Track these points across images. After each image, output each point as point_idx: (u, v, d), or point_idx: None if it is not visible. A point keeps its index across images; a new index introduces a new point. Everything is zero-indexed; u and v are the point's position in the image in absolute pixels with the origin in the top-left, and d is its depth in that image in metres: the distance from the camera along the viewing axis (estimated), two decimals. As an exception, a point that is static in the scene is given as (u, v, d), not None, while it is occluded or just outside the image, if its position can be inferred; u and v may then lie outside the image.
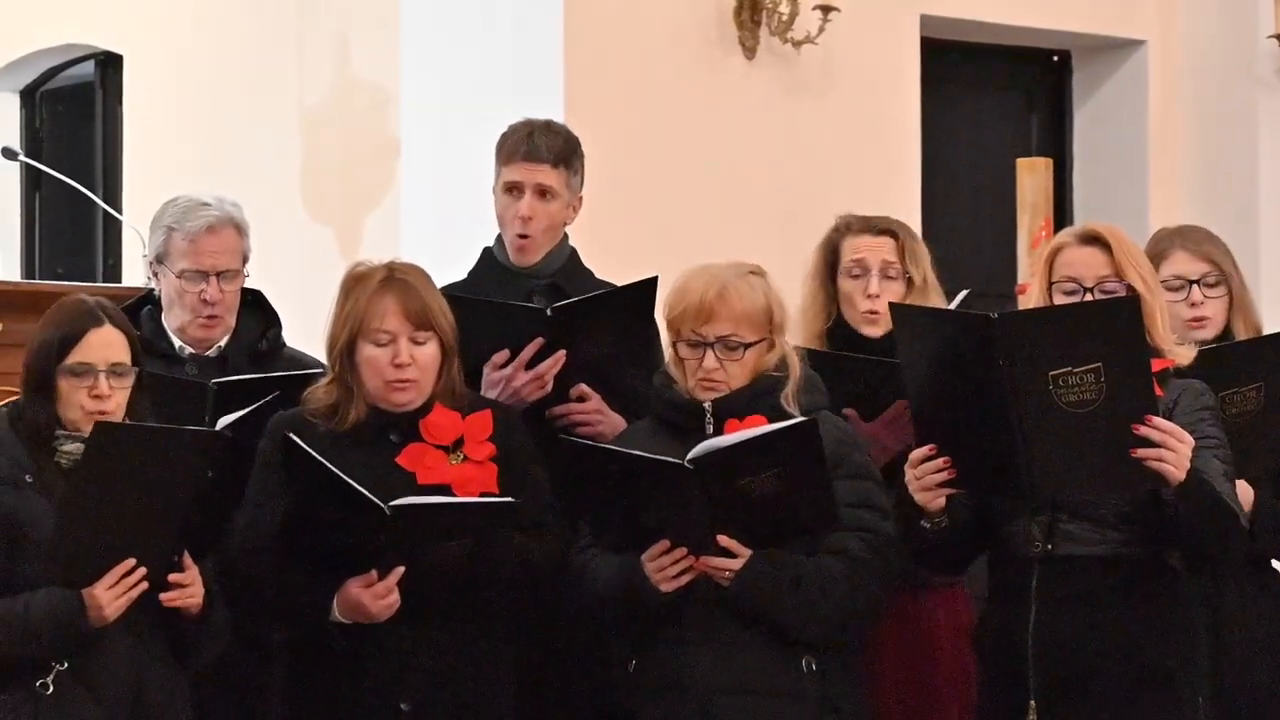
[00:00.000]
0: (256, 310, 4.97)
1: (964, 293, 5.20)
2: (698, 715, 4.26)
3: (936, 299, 5.03)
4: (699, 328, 4.36)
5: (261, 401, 4.42)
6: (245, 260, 4.89)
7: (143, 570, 4.04)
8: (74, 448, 4.12)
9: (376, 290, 4.35)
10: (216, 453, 4.14)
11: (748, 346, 4.37)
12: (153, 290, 4.95)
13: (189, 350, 4.85)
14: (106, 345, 4.17)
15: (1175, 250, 4.90)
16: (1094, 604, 4.17)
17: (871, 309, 4.95)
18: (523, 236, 4.90)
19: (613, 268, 5.03)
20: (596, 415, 4.78)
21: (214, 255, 4.81)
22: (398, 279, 4.36)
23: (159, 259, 4.87)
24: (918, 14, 7.97)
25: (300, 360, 4.90)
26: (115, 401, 4.16)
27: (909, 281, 5.02)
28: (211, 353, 4.86)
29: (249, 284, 4.96)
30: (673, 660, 4.29)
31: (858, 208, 5.24)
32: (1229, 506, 4.11)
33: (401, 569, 4.17)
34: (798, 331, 4.96)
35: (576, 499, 4.41)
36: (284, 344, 4.98)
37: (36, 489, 4.10)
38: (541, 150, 4.89)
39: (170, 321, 4.87)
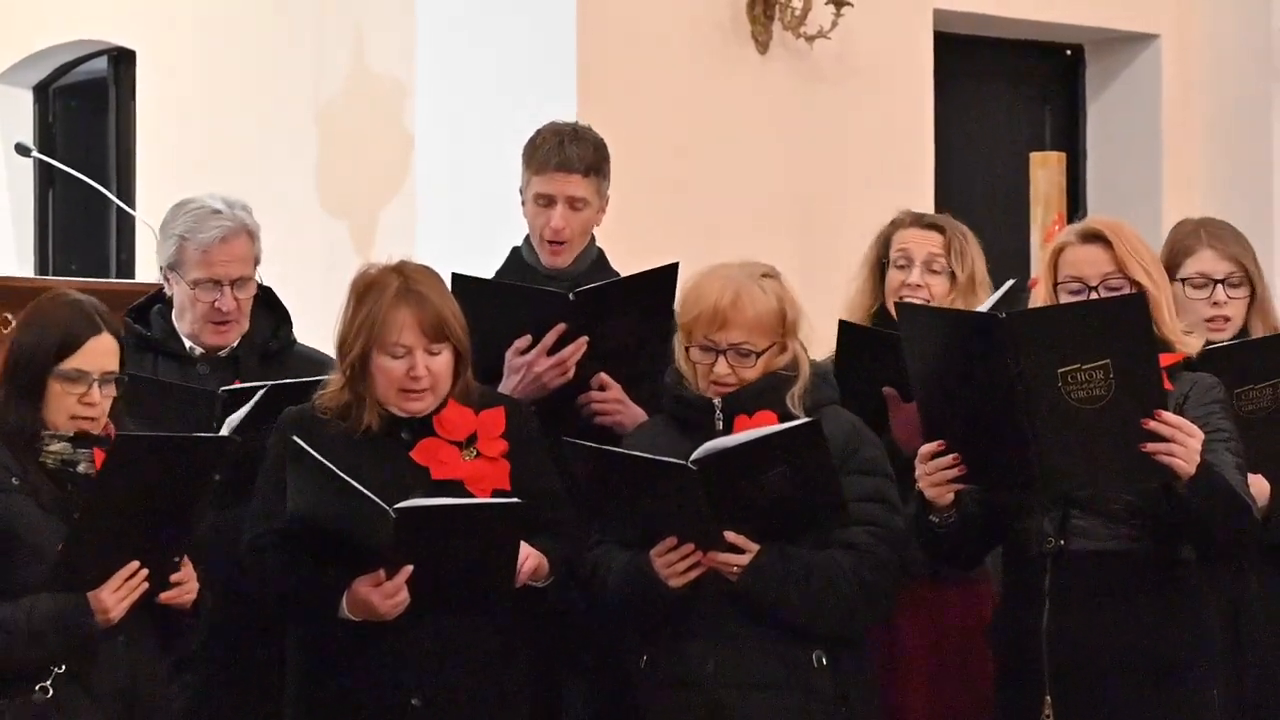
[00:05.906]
0: (267, 308, 4.95)
1: (1010, 282, 5.13)
2: (708, 710, 4.27)
3: (985, 298, 5.02)
4: (712, 334, 4.35)
5: (257, 397, 4.42)
6: (257, 263, 4.87)
7: (145, 572, 4.04)
8: (60, 448, 4.10)
9: (392, 302, 4.30)
10: (226, 456, 4.14)
11: (759, 354, 4.37)
12: (163, 290, 4.92)
13: (199, 350, 4.84)
14: (103, 354, 4.14)
15: (1202, 248, 4.87)
16: (1107, 599, 4.17)
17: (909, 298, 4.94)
18: (555, 243, 4.91)
19: (625, 262, 5.03)
20: (617, 405, 4.78)
21: (227, 265, 4.79)
22: (413, 290, 4.32)
23: (171, 266, 4.84)
24: (931, 8, 7.96)
25: (311, 357, 4.89)
26: (102, 408, 4.14)
27: (952, 276, 5.02)
28: (223, 352, 4.85)
29: (259, 279, 4.93)
30: (683, 655, 4.30)
31: (871, 202, 5.26)
32: (1240, 498, 4.11)
33: (410, 568, 4.16)
34: (846, 316, 4.97)
35: (584, 497, 4.41)
36: (295, 341, 4.97)
37: (24, 491, 4.07)
38: (574, 161, 4.88)
39: (183, 326, 4.85)
